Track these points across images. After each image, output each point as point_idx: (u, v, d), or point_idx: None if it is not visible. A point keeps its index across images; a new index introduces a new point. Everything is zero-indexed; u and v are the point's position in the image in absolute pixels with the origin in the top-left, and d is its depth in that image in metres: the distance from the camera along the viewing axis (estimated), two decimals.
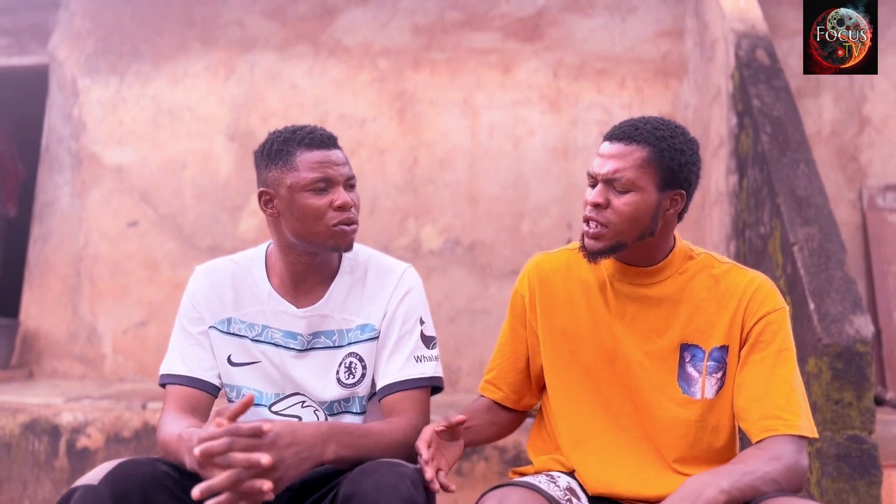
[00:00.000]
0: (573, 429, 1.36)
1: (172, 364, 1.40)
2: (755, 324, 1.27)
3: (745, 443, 1.26)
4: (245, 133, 4.24)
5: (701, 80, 3.79)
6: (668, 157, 1.25)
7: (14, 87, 5.10)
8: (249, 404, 1.10)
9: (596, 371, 1.36)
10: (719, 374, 1.30)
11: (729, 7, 3.25)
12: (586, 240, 1.30)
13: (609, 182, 1.26)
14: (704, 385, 1.30)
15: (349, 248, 1.39)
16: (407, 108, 4.15)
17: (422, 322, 1.43)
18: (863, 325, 2.05)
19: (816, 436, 1.24)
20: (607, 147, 1.29)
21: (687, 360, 1.31)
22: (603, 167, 1.27)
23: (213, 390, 1.41)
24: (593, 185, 1.30)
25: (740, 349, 1.29)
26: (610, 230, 1.27)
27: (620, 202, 1.26)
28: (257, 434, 1.07)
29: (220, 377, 1.42)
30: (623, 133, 1.28)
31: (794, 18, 3.93)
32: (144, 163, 4.30)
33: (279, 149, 1.36)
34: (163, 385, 1.41)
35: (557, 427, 1.39)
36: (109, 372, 4.09)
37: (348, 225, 1.36)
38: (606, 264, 1.37)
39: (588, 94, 4.02)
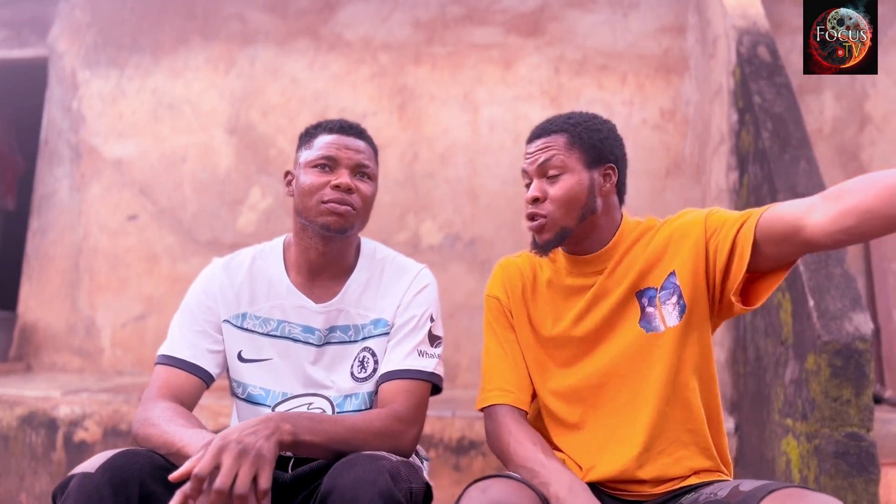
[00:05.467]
0: (558, 427, 1.38)
1: (172, 346, 1.37)
2: (709, 232, 1.29)
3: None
4: (245, 127, 4.24)
5: (702, 77, 3.77)
6: (585, 136, 1.34)
7: (13, 80, 5.09)
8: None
9: (571, 361, 1.37)
10: (674, 299, 1.31)
11: (731, 3, 3.24)
12: (534, 235, 1.36)
13: (543, 173, 1.35)
14: (663, 316, 1.31)
15: (341, 231, 1.36)
16: (407, 102, 4.14)
17: (432, 319, 1.44)
18: (862, 323, 2.05)
19: None
20: (531, 147, 1.38)
21: (646, 305, 1.33)
22: (533, 163, 1.36)
23: (205, 377, 1.37)
24: (529, 185, 1.37)
25: (705, 259, 1.29)
26: (550, 219, 1.33)
27: (555, 189, 1.33)
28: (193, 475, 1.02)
29: (219, 367, 1.41)
30: (540, 130, 1.38)
31: (795, 15, 3.92)
32: (144, 156, 4.29)
33: (309, 132, 1.44)
34: (159, 364, 1.37)
35: (549, 426, 1.40)
36: (108, 365, 4.09)
37: (340, 205, 1.34)
38: (560, 260, 1.41)
39: (589, 89, 4.01)
